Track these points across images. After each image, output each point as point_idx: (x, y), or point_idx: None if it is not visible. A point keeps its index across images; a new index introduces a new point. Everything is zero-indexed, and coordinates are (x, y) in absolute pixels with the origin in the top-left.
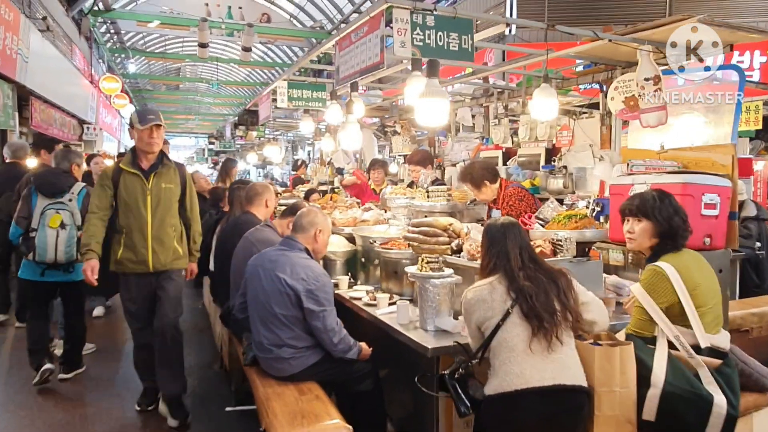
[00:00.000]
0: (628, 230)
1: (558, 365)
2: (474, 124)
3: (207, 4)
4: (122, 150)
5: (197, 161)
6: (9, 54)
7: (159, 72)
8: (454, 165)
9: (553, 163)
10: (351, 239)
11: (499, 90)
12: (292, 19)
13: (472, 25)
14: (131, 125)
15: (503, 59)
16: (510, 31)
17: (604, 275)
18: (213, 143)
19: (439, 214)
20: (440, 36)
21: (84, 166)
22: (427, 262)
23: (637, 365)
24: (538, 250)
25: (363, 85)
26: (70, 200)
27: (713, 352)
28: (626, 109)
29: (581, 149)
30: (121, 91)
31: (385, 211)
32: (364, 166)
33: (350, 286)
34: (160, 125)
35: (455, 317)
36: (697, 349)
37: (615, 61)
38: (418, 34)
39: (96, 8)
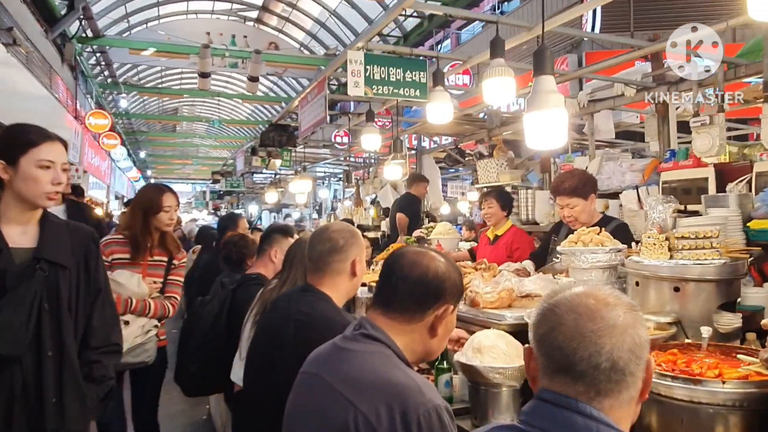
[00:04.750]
0: None
1: None
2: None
3: (208, 33)
4: (113, 197)
5: (195, 207)
6: None
7: (154, 112)
8: (614, 196)
9: None
10: (520, 333)
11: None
12: (302, 48)
13: None
14: None
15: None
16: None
17: None
18: (218, 181)
19: (693, 282)
20: None
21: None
22: None
23: None
24: None
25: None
26: None
27: None
28: None
29: None
30: (111, 130)
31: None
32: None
33: None
34: None
35: None
36: None
37: None
38: None
39: (84, 35)
